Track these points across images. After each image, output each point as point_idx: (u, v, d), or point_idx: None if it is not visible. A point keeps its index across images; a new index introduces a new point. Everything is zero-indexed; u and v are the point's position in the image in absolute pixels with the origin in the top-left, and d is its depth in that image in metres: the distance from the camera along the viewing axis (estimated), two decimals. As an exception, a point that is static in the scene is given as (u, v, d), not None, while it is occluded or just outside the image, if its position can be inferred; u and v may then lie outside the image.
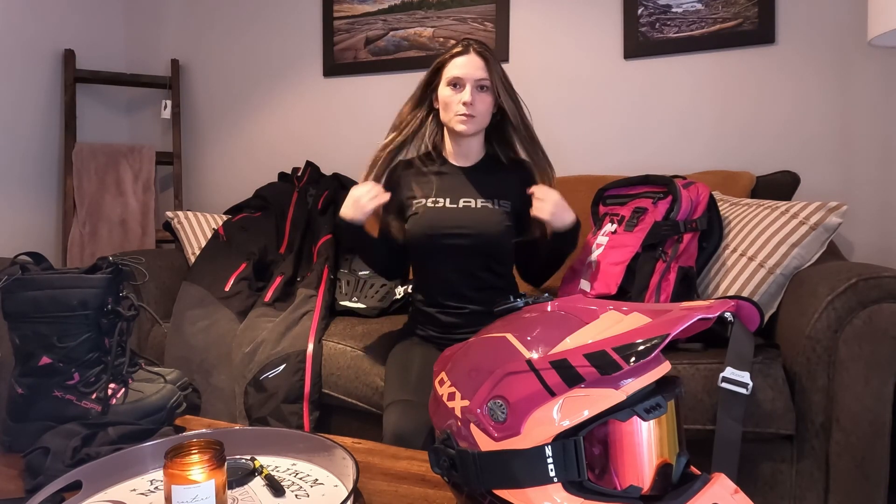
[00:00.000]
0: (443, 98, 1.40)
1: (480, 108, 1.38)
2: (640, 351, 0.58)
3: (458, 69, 1.37)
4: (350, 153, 2.50)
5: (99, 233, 2.51)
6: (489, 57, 1.39)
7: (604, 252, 1.50)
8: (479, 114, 1.39)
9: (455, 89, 1.38)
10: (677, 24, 2.02)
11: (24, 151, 2.46)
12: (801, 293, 1.29)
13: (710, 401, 1.21)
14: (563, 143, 2.18)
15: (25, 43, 2.45)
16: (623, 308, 0.68)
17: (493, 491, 0.64)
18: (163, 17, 2.83)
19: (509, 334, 0.69)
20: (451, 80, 1.38)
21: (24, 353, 1.04)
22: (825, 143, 1.89)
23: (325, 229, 2.10)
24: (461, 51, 1.39)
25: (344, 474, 0.88)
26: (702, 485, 0.60)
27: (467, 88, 1.36)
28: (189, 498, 0.72)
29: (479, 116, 1.39)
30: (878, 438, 1.15)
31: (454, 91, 1.38)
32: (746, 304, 0.79)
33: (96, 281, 1.06)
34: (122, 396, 1.06)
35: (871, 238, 1.84)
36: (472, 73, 1.37)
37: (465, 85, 1.37)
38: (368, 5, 2.44)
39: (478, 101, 1.37)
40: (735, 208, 1.57)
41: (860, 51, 1.83)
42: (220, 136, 2.76)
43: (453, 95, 1.38)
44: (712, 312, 0.64)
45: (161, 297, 1.94)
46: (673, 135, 2.06)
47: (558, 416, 0.60)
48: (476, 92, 1.37)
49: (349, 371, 1.56)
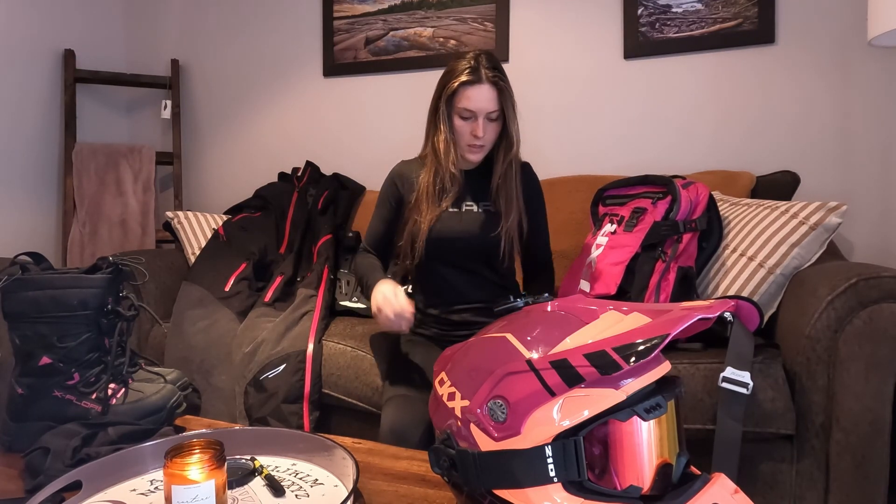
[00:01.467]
0: (453, 124, 1.37)
1: (490, 138, 1.37)
2: (640, 351, 0.58)
3: (471, 102, 1.33)
4: (350, 153, 2.51)
5: (99, 233, 2.51)
6: (503, 86, 1.34)
7: (603, 252, 1.50)
8: (489, 143, 1.38)
9: (466, 121, 1.35)
10: (677, 24, 2.02)
11: (24, 151, 2.47)
12: (801, 293, 1.29)
13: (710, 400, 1.21)
14: (562, 143, 2.18)
15: (25, 43, 2.45)
16: (623, 308, 0.68)
17: (493, 491, 0.64)
18: (163, 17, 2.83)
19: (509, 334, 0.69)
20: (463, 112, 1.34)
21: (24, 353, 1.04)
22: (825, 143, 1.89)
23: (325, 229, 2.10)
24: (473, 79, 1.32)
25: (344, 474, 0.88)
26: (702, 485, 0.60)
27: (480, 122, 1.34)
28: (189, 498, 0.72)
29: (487, 145, 1.39)
30: (878, 438, 1.15)
31: (464, 122, 1.36)
32: (746, 304, 0.79)
33: (96, 281, 1.06)
34: (122, 396, 1.06)
35: (871, 238, 1.84)
36: (485, 107, 1.33)
37: (477, 119, 1.34)
38: (368, 5, 2.44)
39: (488, 131, 1.36)
40: (735, 208, 1.57)
41: (860, 51, 1.83)
42: (219, 136, 2.76)
43: (464, 125, 1.36)
44: (712, 312, 0.64)
45: (161, 297, 1.94)
46: (673, 135, 2.06)
47: (558, 416, 0.60)
48: (486, 123, 1.35)
49: (349, 371, 1.56)
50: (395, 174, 1.49)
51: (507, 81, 1.35)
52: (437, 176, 1.39)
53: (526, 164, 1.47)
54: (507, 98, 1.35)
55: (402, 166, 1.50)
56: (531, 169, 1.49)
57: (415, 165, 1.47)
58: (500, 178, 1.40)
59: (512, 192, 1.40)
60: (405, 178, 1.46)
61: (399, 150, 2.39)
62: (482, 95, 1.32)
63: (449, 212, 1.41)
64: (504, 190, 1.40)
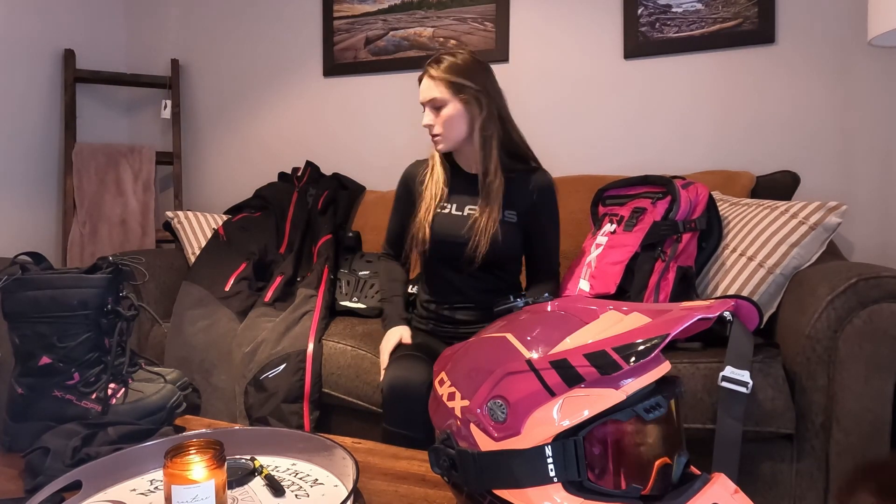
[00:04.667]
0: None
1: (442, 127, 1.40)
2: (640, 351, 0.58)
3: (420, 95, 1.42)
4: (350, 153, 2.51)
5: (99, 233, 2.51)
6: (437, 75, 1.38)
7: (603, 252, 1.50)
8: (444, 131, 1.40)
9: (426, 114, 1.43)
10: (677, 23, 2.02)
11: (24, 151, 2.46)
12: (801, 293, 1.29)
13: (709, 400, 1.21)
14: (562, 143, 2.18)
15: (25, 43, 2.45)
16: (623, 308, 0.68)
17: (493, 491, 0.64)
18: (163, 17, 2.83)
19: (509, 334, 0.69)
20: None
21: (24, 353, 1.04)
22: (825, 143, 1.89)
23: (325, 229, 2.10)
24: (420, 76, 1.43)
25: (344, 474, 0.88)
26: (702, 485, 0.60)
27: (426, 112, 1.41)
28: (189, 498, 0.72)
29: (445, 133, 1.41)
30: (878, 438, 1.15)
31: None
32: (745, 304, 0.79)
33: (96, 281, 1.06)
34: (122, 396, 1.06)
35: (871, 238, 1.84)
36: (426, 96, 1.41)
37: (425, 108, 1.41)
38: (368, 5, 2.44)
39: (437, 121, 1.40)
40: (735, 208, 1.57)
41: (860, 50, 1.83)
42: (220, 136, 2.76)
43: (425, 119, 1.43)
44: (712, 312, 0.64)
45: (161, 297, 1.94)
46: (672, 135, 2.06)
47: (558, 416, 0.60)
48: (433, 113, 1.40)
49: (349, 370, 1.56)
50: (408, 174, 1.54)
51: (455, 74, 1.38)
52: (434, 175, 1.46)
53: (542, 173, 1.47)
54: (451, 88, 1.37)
55: (414, 167, 1.55)
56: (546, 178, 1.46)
57: (424, 166, 1.52)
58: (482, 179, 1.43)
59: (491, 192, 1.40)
60: (415, 178, 1.51)
61: (399, 150, 2.41)
62: (423, 87, 1.41)
63: (452, 215, 1.43)
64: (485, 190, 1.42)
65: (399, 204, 1.55)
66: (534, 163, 1.49)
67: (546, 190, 1.45)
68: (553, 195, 1.47)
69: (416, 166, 1.54)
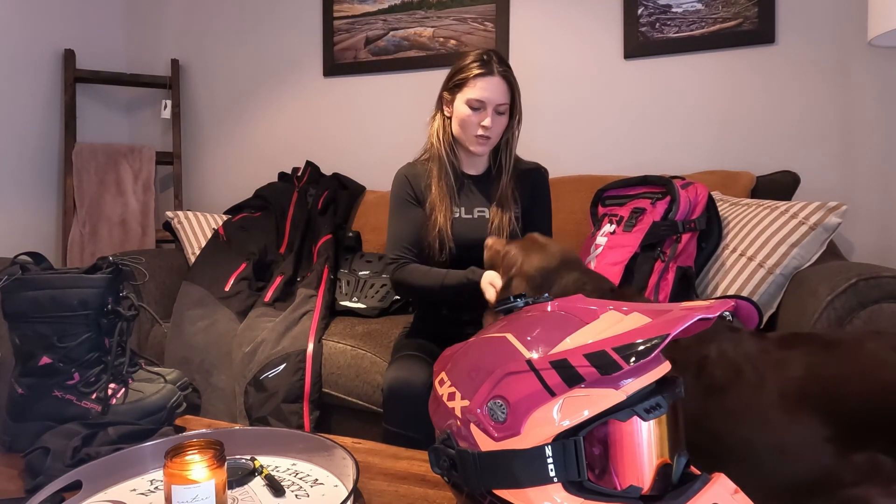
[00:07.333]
0: (461, 116, 1.38)
1: (497, 131, 1.39)
2: (641, 351, 0.58)
3: (481, 93, 1.34)
4: (350, 153, 2.50)
5: (99, 233, 2.51)
6: (513, 79, 1.37)
7: (602, 252, 1.50)
8: (495, 136, 1.39)
9: (474, 111, 1.36)
10: (677, 24, 2.02)
11: (24, 151, 2.46)
12: (801, 293, 1.29)
13: (709, 401, 1.21)
14: (562, 143, 2.18)
15: (25, 43, 2.45)
16: (623, 308, 0.68)
17: (493, 491, 0.64)
18: (163, 17, 2.83)
19: (509, 334, 0.69)
20: (473, 102, 1.35)
21: (24, 353, 1.04)
22: (825, 143, 1.88)
23: (325, 229, 2.10)
24: (484, 71, 1.34)
25: (344, 474, 0.88)
26: (702, 485, 0.60)
27: (489, 113, 1.35)
28: (189, 498, 0.72)
29: (494, 138, 1.39)
30: (878, 438, 1.15)
31: (473, 113, 1.36)
32: (745, 304, 0.78)
33: (96, 281, 1.06)
34: (122, 396, 1.06)
35: (871, 238, 1.84)
36: (495, 99, 1.35)
37: (486, 109, 1.35)
38: (368, 5, 2.44)
39: (496, 124, 1.37)
40: (735, 208, 1.57)
41: (860, 51, 1.83)
42: (220, 136, 2.76)
43: (472, 117, 1.36)
44: (712, 312, 0.64)
45: (161, 297, 1.94)
46: (672, 135, 2.06)
47: (558, 416, 0.60)
48: (495, 116, 1.36)
49: (349, 370, 1.56)
50: (409, 176, 1.47)
51: (516, 80, 1.39)
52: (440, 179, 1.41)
53: (539, 168, 1.48)
54: (517, 95, 1.38)
55: (411, 168, 1.49)
56: (542, 172, 1.49)
57: (419, 167, 1.48)
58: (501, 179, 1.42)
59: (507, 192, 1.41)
60: (419, 181, 1.46)
61: (399, 150, 2.39)
62: (493, 87, 1.34)
63: (465, 218, 1.42)
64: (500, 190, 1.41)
65: (405, 207, 1.46)
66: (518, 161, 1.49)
67: (542, 183, 1.49)
68: (547, 188, 1.50)
69: (413, 167, 1.48)
